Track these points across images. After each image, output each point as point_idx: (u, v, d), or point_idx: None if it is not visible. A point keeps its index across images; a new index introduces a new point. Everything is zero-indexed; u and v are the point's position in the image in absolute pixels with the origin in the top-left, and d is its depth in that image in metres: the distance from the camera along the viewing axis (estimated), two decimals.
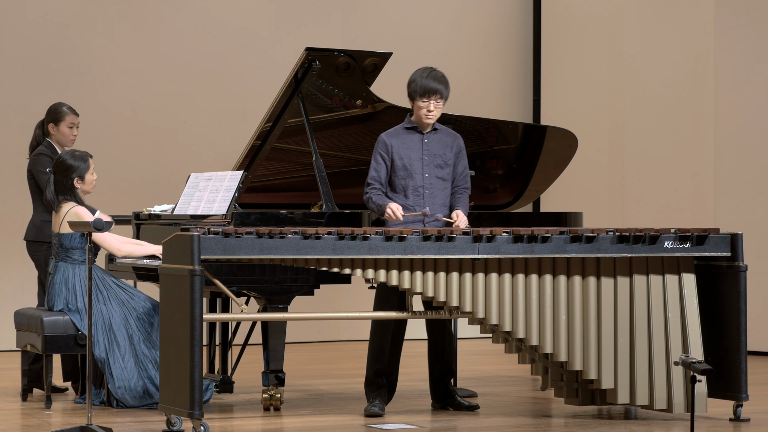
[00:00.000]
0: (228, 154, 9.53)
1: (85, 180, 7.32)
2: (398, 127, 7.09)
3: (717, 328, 6.83)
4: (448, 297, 6.51)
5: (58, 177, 7.28)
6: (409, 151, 6.99)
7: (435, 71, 6.98)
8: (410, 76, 7.00)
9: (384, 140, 7.02)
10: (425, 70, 6.99)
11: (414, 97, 6.97)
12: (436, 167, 7.01)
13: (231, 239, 6.21)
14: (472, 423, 6.76)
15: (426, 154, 7.00)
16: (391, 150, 6.99)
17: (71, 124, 7.93)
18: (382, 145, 7.01)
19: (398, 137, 7.03)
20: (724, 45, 10.18)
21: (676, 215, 10.39)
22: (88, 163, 7.33)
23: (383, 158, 6.99)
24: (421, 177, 6.98)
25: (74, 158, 7.31)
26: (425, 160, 6.99)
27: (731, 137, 10.15)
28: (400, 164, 6.98)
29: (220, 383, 7.66)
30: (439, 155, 7.02)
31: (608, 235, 6.62)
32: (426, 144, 7.01)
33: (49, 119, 7.93)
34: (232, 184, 7.40)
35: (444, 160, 7.03)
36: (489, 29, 11.80)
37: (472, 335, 10.52)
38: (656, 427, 6.60)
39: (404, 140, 7.01)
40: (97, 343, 7.09)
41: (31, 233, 7.85)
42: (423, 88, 6.93)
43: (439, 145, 7.03)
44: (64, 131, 7.90)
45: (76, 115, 7.96)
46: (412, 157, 6.99)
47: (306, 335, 10.98)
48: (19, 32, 10.32)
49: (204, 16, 10.86)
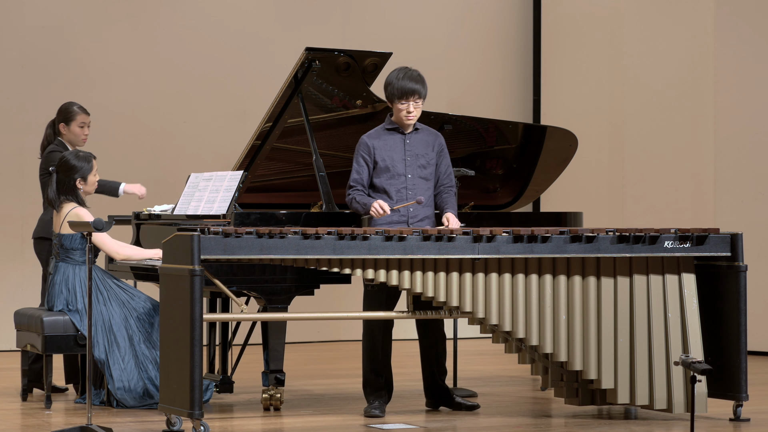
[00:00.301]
0: (228, 154, 9.53)
1: (88, 181, 7.32)
2: (379, 128, 7.05)
3: (717, 328, 6.83)
4: (448, 297, 6.51)
5: (61, 176, 7.28)
6: (392, 152, 6.96)
7: (410, 71, 6.94)
8: (386, 78, 6.98)
9: (366, 142, 6.98)
10: (400, 71, 6.95)
11: (392, 100, 6.94)
12: (419, 167, 6.98)
13: (231, 239, 6.21)
14: (472, 423, 6.75)
15: (408, 154, 6.97)
16: (373, 152, 6.95)
17: (82, 123, 7.92)
18: (364, 146, 6.97)
19: (380, 138, 6.99)
20: (724, 45, 10.18)
21: (676, 215, 10.39)
22: (91, 164, 7.33)
23: (365, 160, 6.96)
24: (405, 178, 6.95)
25: (78, 159, 7.31)
26: (408, 160, 6.96)
27: (731, 137, 10.15)
28: (383, 165, 6.95)
29: (220, 383, 7.66)
30: (421, 155, 6.99)
31: (608, 235, 6.62)
32: (408, 144, 6.98)
33: (60, 119, 7.93)
34: (232, 184, 7.40)
35: (427, 160, 7.00)
36: (489, 29, 11.80)
37: (472, 335, 10.52)
38: (656, 427, 6.60)
39: (386, 141, 6.98)
40: (96, 344, 7.09)
41: (40, 230, 7.84)
42: (401, 90, 6.89)
43: (421, 145, 7.00)
44: (75, 131, 7.90)
45: (87, 115, 7.95)
46: (395, 158, 6.96)
47: (306, 335, 10.98)
48: (19, 33, 10.32)
49: (204, 17, 10.86)
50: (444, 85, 11.45)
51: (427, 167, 7.00)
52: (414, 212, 6.94)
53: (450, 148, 8.08)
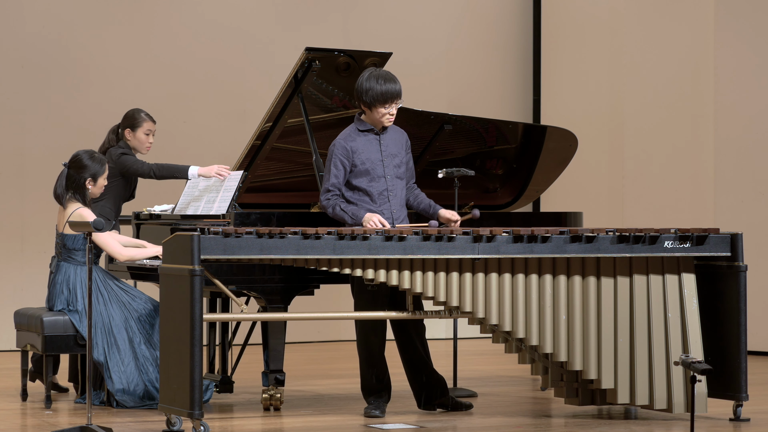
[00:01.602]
0: (228, 154, 9.52)
1: (97, 183, 7.30)
2: (351, 130, 6.92)
3: (717, 328, 6.83)
4: (448, 297, 6.51)
5: (72, 173, 7.25)
6: (370, 154, 6.87)
7: (384, 72, 6.82)
8: (360, 84, 6.81)
9: (343, 145, 6.85)
10: (374, 75, 6.80)
11: (374, 105, 6.81)
12: (395, 167, 6.91)
13: (231, 239, 6.21)
14: (472, 423, 6.75)
15: (385, 155, 6.90)
16: (352, 155, 6.84)
17: (148, 131, 7.86)
18: (341, 149, 6.83)
19: (356, 141, 6.88)
20: (724, 45, 10.18)
21: (676, 215, 10.38)
22: (104, 168, 7.30)
23: (343, 164, 6.82)
24: (384, 180, 6.88)
25: (92, 159, 7.28)
26: (385, 161, 6.89)
27: (731, 137, 10.15)
28: (362, 168, 6.85)
29: (220, 383, 7.66)
30: (395, 155, 6.92)
31: (608, 235, 6.61)
32: (383, 145, 6.91)
33: (126, 125, 7.85)
34: (232, 184, 7.41)
35: (400, 159, 6.94)
36: (489, 29, 11.80)
37: (472, 335, 10.52)
38: (656, 427, 6.60)
39: (363, 143, 6.87)
40: (96, 345, 7.08)
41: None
42: (385, 94, 6.78)
43: (393, 145, 6.93)
44: (141, 138, 7.84)
45: (153, 122, 7.88)
46: (373, 159, 6.87)
47: (306, 335, 10.98)
48: (19, 33, 10.32)
49: (204, 17, 10.86)
50: (444, 85, 11.45)
51: (401, 166, 6.95)
52: (398, 213, 6.91)
53: (450, 148, 8.10)
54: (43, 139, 10.27)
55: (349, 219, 6.79)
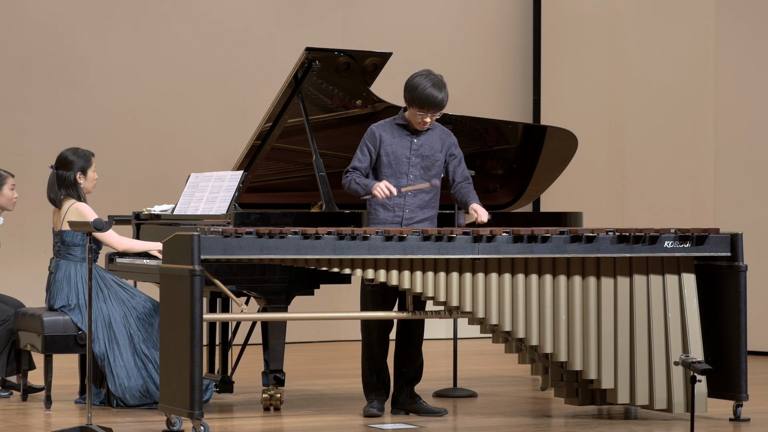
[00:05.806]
0: (228, 154, 9.53)
1: (87, 176, 7.34)
2: (390, 121, 6.92)
3: (717, 328, 6.83)
4: (448, 297, 6.51)
5: (61, 172, 7.29)
6: (397, 149, 6.85)
7: (438, 81, 6.72)
8: (411, 79, 6.76)
9: (374, 132, 6.86)
10: (428, 78, 6.73)
11: (411, 105, 6.77)
12: (423, 169, 6.87)
13: (231, 239, 6.21)
14: (472, 423, 6.75)
15: (414, 154, 6.87)
16: (379, 143, 6.84)
17: (12, 186, 7.85)
18: (371, 135, 6.85)
19: (389, 132, 6.87)
20: (724, 45, 10.18)
21: (676, 215, 10.39)
22: (91, 160, 7.36)
23: (369, 150, 6.84)
24: (406, 177, 6.86)
25: (76, 154, 7.34)
26: (412, 160, 6.86)
27: (731, 137, 10.15)
28: (386, 161, 6.85)
29: (220, 383, 7.66)
30: (427, 156, 6.88)
31: (608, 235, 6.61)
32: (415, 144, 6.87)
33: None
34: (232, 184, 7.41)
35: (432, 161, 6.88)
36: (489, 29, 11.80)
37: (472, 335, 10.52)
38: (656, 427, 6.60)
39: (394, 136, 6.86)
40: (97, 340, 7.09)
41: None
42: (422, 99, 6.71)
43: (429, 145, 6.88)
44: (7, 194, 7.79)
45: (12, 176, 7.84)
46: (399, 155, 6.85)
47: (306, 335, 10.98)
48: (19, 33, 10.32)
49: (204, 17, 10.87)
50: None
51: (432, 168, 6.90)
52: (410, 214, 6.89)
53: None
54: (44, 139, 10.27)
55: (362, 191, 6.79)
